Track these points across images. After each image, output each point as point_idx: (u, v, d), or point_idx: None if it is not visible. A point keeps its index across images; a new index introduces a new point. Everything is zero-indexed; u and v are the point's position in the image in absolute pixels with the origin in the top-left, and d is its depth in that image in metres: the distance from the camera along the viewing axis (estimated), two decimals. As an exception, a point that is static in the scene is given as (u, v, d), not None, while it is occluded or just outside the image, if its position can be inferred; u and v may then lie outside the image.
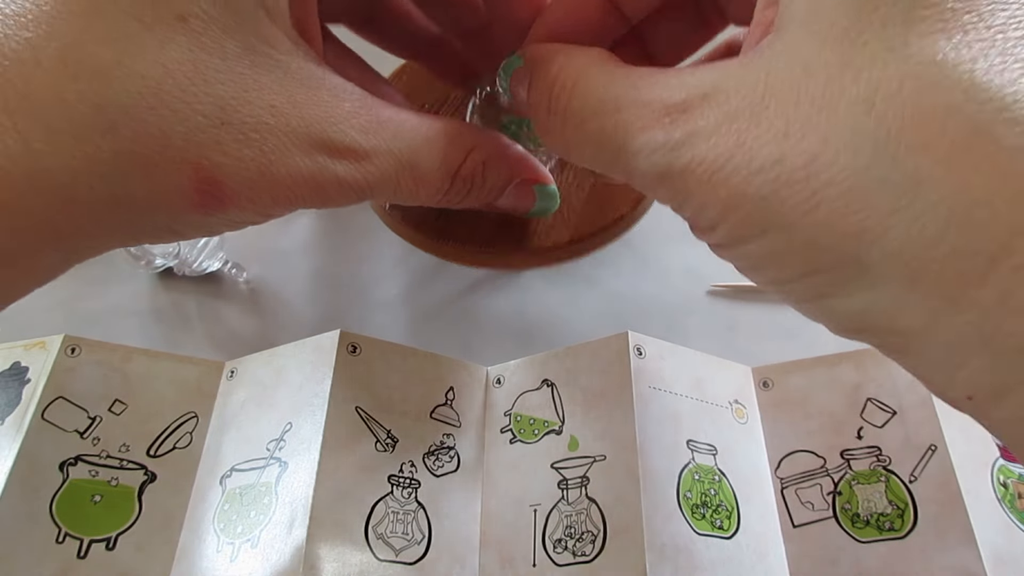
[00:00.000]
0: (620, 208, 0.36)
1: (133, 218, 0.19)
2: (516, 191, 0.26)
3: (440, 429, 0.33)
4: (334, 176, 0.20)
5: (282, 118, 0.19)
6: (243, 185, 0.19)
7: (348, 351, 0.32)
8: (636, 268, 0.43)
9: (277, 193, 0.20)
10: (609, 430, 0.31)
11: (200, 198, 0.19)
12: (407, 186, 0.22)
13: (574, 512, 0.30)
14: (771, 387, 0.35)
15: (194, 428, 0.33)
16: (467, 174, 0.23)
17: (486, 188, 0.25)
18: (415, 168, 0.22)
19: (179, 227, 0.20)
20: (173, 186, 0.18)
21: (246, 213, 0.20)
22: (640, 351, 0.32)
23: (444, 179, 0.23)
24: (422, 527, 0.30)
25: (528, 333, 0.41)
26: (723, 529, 0.30)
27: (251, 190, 0.19)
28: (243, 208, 0.20)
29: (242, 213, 0.20)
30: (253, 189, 0.19)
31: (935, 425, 0.30)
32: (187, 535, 0.31)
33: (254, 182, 0.19)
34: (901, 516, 0.30)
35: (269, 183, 0.19)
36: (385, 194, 0.22)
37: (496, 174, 0.25)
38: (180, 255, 0.41)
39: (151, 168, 0.18)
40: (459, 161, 0.23)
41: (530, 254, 0.35)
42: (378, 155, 0.21)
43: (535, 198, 0.27)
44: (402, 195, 0.22)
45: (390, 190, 0.22)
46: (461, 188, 0.24)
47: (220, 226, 0.21)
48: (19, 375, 0.32)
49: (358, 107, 0.21)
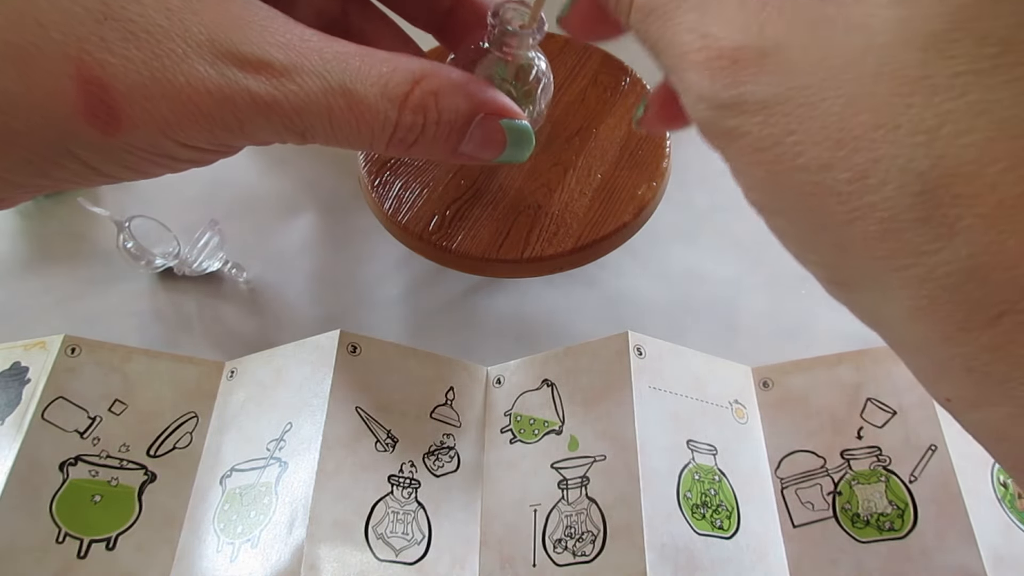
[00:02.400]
0: (623, 216, 0.36)
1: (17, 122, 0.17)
2: (481, 131, 0.23)
3: (440, 429, 0.33)
4: (245, 90, 0.18)
5: (178, 21, 0.17)
6: (134, 90, 0.17)
7: (348, 351, 0.32)
8: (636, 268, 0.43)
9: (177, 105, 0.18)
10: (609, 430, 0.31)
11: (87, 103, 0.17)
12: (343, 116, 0.20)
13: (574, 512, 0.30)
14: (771, 387, 0.35)
15: (194, 428, 0.33)
16: (416, 104, 0.21)
17: (443, 125, 0.22)
18: (350, 94, 0.20)
19: (78, 148, 0.18)
20: (54, 85, 0.17)
21: (151, 133, 0.18)
22: (640, 351, 0.32)
23: (388, 108, 0.20)
24: (422, 527, 0.30)
25: (528, 333, 0.41)
26: (723, 529, 0.30)
27: (145, 99, 0.17)
28: (143, 125, 0.18)
29: (146, 133, 0.18)
30: (147, 98, 0.17)
31: (935, 425, 0.30)
32: (187, 535, 0.31)
33: (147, 88, 0.17)
34: (901, 516, 0.30)
35: (165, 91, 0.17)
36: (318, 123, 0.20)
37: (452, 106, 0.22)
38: (180, 255, 0.41)
39: (26, 59, 0.16)
40: (404, 89, 0.20)
41: (533, 262, 0.35)
42: (300, 74, 0.19)
43: (504, 138, 0.23)
44: (341, 128, 0.20)
45: (323, 118, 0.20)
46: (412, 123, 0.21)
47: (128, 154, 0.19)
48: (19, 375, 0.32)
49: (276, 24, 0.19)
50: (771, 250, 0.43)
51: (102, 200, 0.45)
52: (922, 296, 0.14)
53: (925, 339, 0.15)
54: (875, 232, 0.15)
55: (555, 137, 0.39)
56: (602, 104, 0.40)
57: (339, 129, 0.20)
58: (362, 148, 0.21)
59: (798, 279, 0.42)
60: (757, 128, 0.16)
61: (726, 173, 0.19)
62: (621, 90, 0.41)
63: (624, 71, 0.41)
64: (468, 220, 0.36)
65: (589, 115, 0.40)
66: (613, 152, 0.38)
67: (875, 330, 0.17)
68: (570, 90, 0.41)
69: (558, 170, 0.38)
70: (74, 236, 0.44)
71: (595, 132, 0.39)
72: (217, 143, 0.19)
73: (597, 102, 0.40)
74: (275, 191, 0.47)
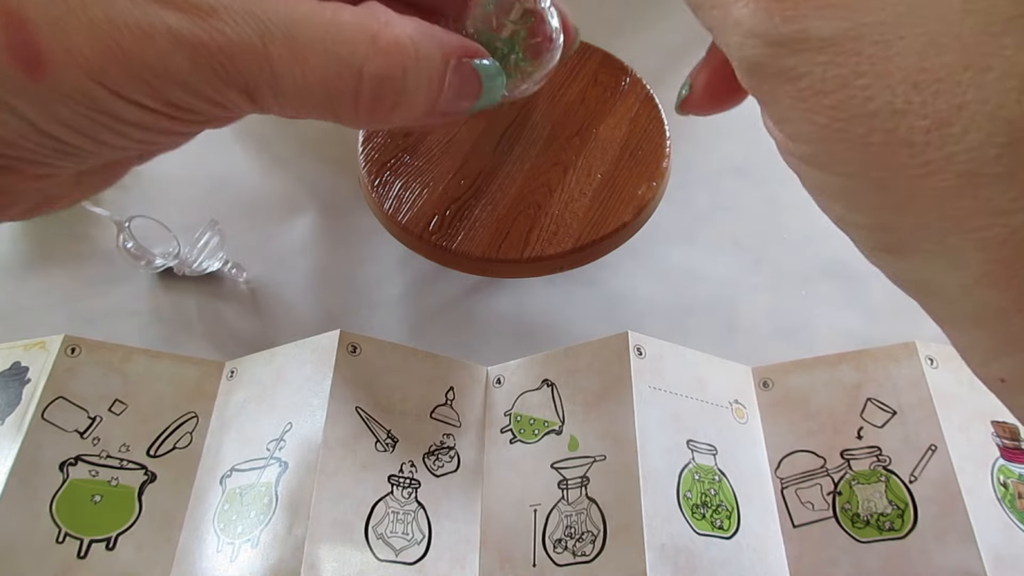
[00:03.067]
0: (623, 216, 0.36)
1: None
2: (458, 77, 0.21)
3: (440, 429, 0.33)
4: (164, 26, 0.17)
5: None
6: (52, 25, 0.16)
7: (348, 351, 0.32)
8: (636, 268, 0.43)
9: (96, 42, 0.17)
10: (609, 430, 0.31)
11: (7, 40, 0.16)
12: (287, 66, 0.18)
13: (574, 512, 0.30)
14: (771, 387, 0.35)
15: (194, 428, 0.33)
16: (386, 48, 0.19)
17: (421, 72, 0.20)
18: (292, 38, 0.18)
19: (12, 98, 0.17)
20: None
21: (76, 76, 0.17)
22: (640, 351, 0.32)
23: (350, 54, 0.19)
24: (422, 527, 0.30)
25: (528, 333, 0.41)
26: (723, 529, 0.30)
27: (63, 34, 0.16)
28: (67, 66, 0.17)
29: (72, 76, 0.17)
30: (65, 33, 0.16)
31: (935, 425, 0.30)
32: (187, 535, 0.31)
33: (64, 23, 0.16)
34: (901, 516, 0.30)
35: (84, 27, 0.16)
36: (258, 74, 0.18)
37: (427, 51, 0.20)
38: (180, 255, 0.41)
39: None
40: (367, 34, 0.18)
41: (533, 262, 0.35)
42: (229, 13, 0.17)
43: (480, 82, 0.21)
44: (286, 81, 0.18)
45: (262, 69, 0.18)
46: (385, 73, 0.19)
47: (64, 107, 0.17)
48: (19, 375, 0.32)
49: None
50: (771, 250, 0.44)
51: (102, 200, 0.45)
52: (997, 260, 0.13)
53: (994, 309, 0.14)
54: (950, 188, 0.13)
55: (555, 137, 0.39)
56: (602, 104, 0.40)
57: (284, 83, 0.18)
58: (328, 113, 0.19)
59: (798, 279, 0.42)
60: (820, 68, 0.14)
61: (726, 173, 0.18)
62: (621, 90, 0.41)
63: (624, 71, 0.41)
64: (468, 220, 0.36)
65: (589, 115, 0.40)
66: (613, 152, 0.38)
67: (922, 300, 0.15)
68: (570, 90, 0.41)
69: (558, 170, 0.38)
70: (74, 236, 0.44)
71: (595, 132, 0.39)
72: (154, 95, 0.18)
73: (597, 102, 0.40)
74: (275, 191, 0.47)
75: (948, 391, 0.32)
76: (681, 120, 0.26)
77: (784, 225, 0.45)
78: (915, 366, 0.32)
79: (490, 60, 0.22)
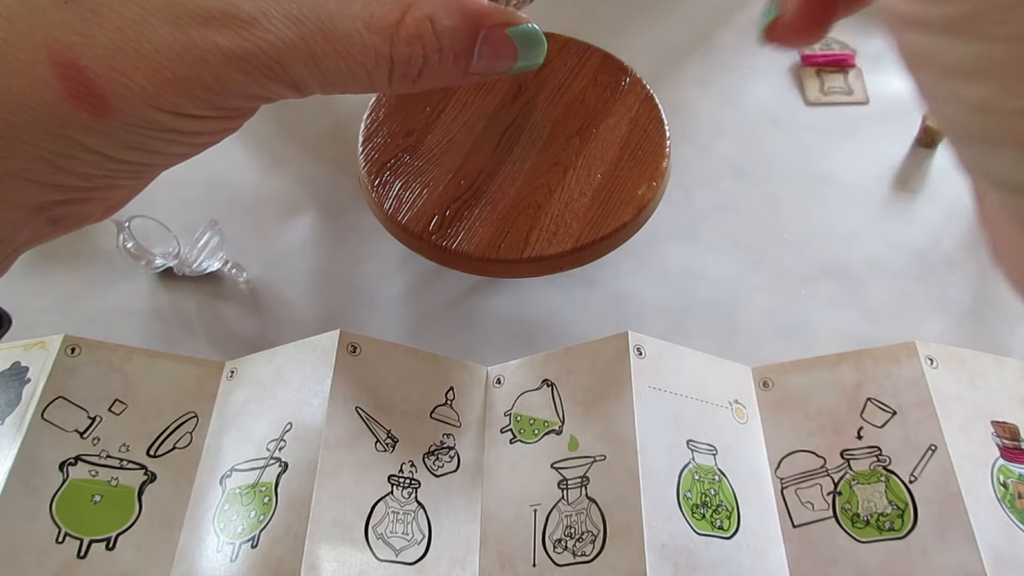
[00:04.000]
0: (623, 216, 0.36)
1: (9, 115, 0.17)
2: (489, 46, 0.21)
3: (440, 429, 0.33)
4: (214, 46, 0.18)
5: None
6: (106, 67, 0.17)
7: (348, 351, 0.32)
8: (636, 268, 0.43)
9: (151, 74, 0.17)
10: (609, 430, 0.31)
11: (67, 87, 0.17)
12: (330, 59, 0.19)
13: (574, 512, 0.30)
14: (771, 387, 0.35)
15: (194, 428, 0.33)
16: (412, 34, 0.19)
17: (446, 50, 0.20)
18: (331, 34, 0.19)
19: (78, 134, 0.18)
20: (30, 73, 0.17)
21: (137, 106, 0.18)
22: (640, 351, 0.32)
23: (379, 42, 0.19)
24: (422, 527, 0.30)
25: (528, 333, 0.41)
26: (723, 529, 0.30)
27: (119, 73, 0.17)
28: (129, 103, 0.18)
29: (135, 109, 0.18)
30: (121, 72, 0.17)
31: (935, 425, 0.30)
32: (187, 535, 0.31)
33: (118, 63, 0.17)
34: (901, 516, 0.30)
35: (135, 62, 0.17)
36: (305, 71, 0.19)
37: (453, 28, 0.20)
38: (180, 255, 0.41)
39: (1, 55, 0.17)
40: (394, 18, 0.19)
41: (533, 262, 0.35)
42: (270, 20, 0.18)
43: (514, 48, 0.22)
44: (331, 72, 0.19)
45: (308, 65, 0.19)
46: (410, 55, 0.20)
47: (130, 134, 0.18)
48: (19, 375, 0.32)
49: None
50: (771, 250, 0.44)
51: (102, 200, 0.45)
52: None
53: None
54: None
55: (555, 137, 0.39)
56: (602, 104, 0.40)
57: (330, 74, 0.19)
58: (366, 90, 0.20)
59: (798, 279, 0.42)
60: None
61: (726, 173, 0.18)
62: (621, 90, 0.41)
63: (624, 71, 0.41)
64: (468, 220, 0.36)
65: (589, 115, 0.40)
66: (613, 152, 0.38)
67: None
68: (570, 90, 0.41)
69: (558, 170, 0.38)
70: (74, 236, 0.44)
71: (595, 132, 0.39)
72: (211, 106, 0.19)
73: (597, 102, 0.40)
74: (275, 191, 0.47)
75: (948, 391, 0.32)
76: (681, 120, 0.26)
77: (784, 225, 0.45)
78: (915, 366, 0.32)
79: (526, 24, 0.22)
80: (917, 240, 0.44)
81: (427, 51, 0.20)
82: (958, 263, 0.43)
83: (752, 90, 0.51)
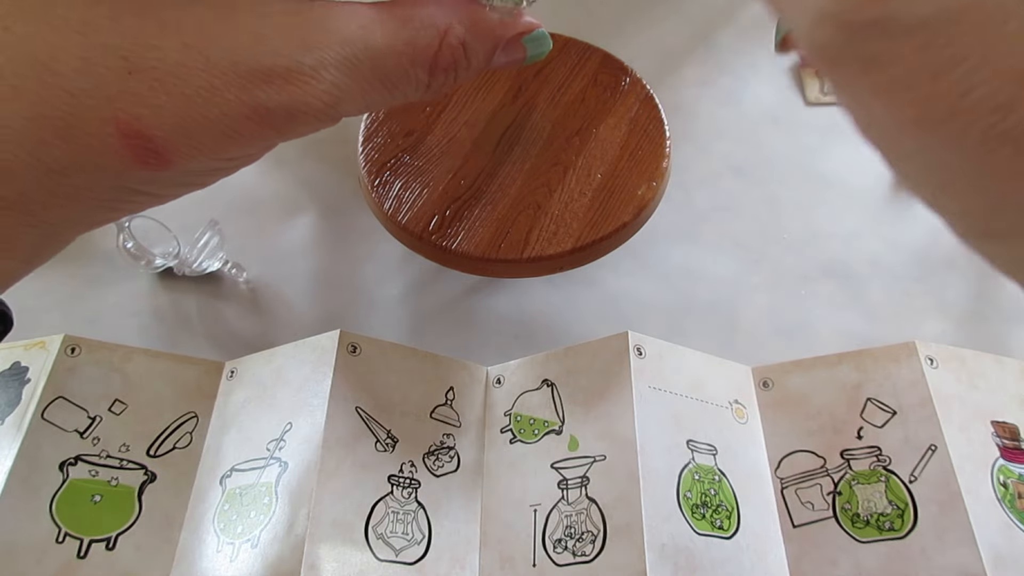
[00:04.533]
0: (623, 216, 0.36)
1: (78, 182, 0.18)
2: (505, 55, 0.23)
3: (440, 429, 0.33)
4: (279, 106, 0.18)
5: (197, 54, 0.17)
6: (174, 133, 0.18)
7: (348, 351, 0.32)
8: (636, 268, 0.43)
9: (219, 136, 0.18)
10: (609, 430, 0.31)
11: (135, 153, 0.17)
12: (378, 93, 0.20)
13: (574, 512, 0.30)
14: (771, 387, 0.35)
15: (194, 428, 0.33)
16: (447, 63, 0.21)
17: (471, 68, 0.22)
18: (379, 70, 0.20)
19: (137, 185, 0.19)
20: (100, 145, 0.17)
21: (201, 161, 0.19)
22: (640, 351, 0.32)
23: (421, 72, 0.20)
24: (422, 527, 0.30)
25: (528, 333, 0.41)
26: (723, 529, 0.30)
27: (187, 137, 0.18)
28: (192, 158, 0.18)
29: (197, 162, 0.18)
30: (188, 136, 0.18)
31: (935, 425, 0.30)
32: (187, 535, 0.31)
33: (186, 129, 0.18)
34: (901, 516, 0.30)
35: (203, 127, 0.18)
36: (357, 107, 0.20)
37: (480, 51, 0.22)
38: (180, 255, 0.41)
39: (68, 130, 0.17)
40: (434, 48, 0.20)
41: (533, 262, 0.35)
42: (327, 69, 0.19)
43: (525, 49, 0.24)
44: (376, 102, 0.20)
45: (360, 102, 0.20)
46: (445, 77, 0.21)
47: (185, 178, 0.19)
48: (19, 375, 0.32)
49: (290, 19, 0.18)
50: (771, 250, 0.44)
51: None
52: None
53: None
54: None
55: (555, 137, 0.39)
56: (602, 104, 0.40)
57: (373, 102, 0.20)
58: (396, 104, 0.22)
59: (798, 279, 0.42)
60: (912, 55, 0.12)
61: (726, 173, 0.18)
62: (621, 90, 0.41)
63: (624, 71, 0.41)
64: (468, 220, 0.36)
65: (589, 115, 0.40)
66: (613, 152, 0.38)
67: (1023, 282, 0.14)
68: (570, 90, 0.41)
69: (558, 170, 0.38)
70: (74, 236, 0.44)
71: (595, 132, 0.39)
72: (264, 148, 0.20)
73: (597, 102, 0.40)
74: (275, 191, 0.47)
75: (948, 391, 0.32)
76: (681, 120, 0.26)
77: (784, 225, 0.45)
78: (915, 366, 0.32)
79: (536, 31, 0.23)
80: (917, 240, 0.44)
81: (458, 72, 0.21)
82: (958, 263, 0.43)
83: (752, 90, 0.51)
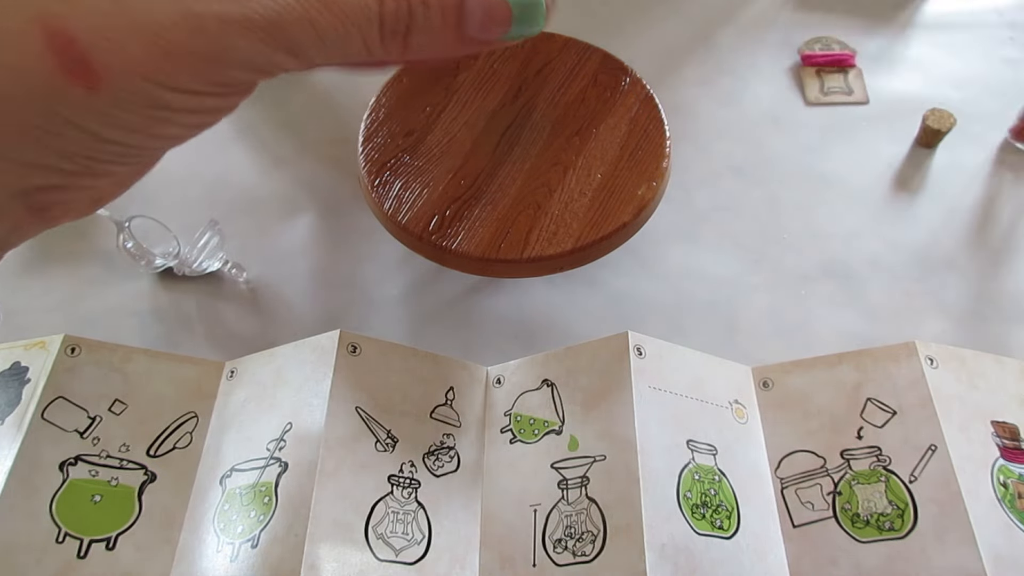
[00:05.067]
0: (623, 216, 0.36)
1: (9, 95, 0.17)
2: (480, 7, 0.21)
3: (440, 429, 0.33)
4: (212, 15, 0.17)
5: None
6: (99, 37, 0.17)
7: (348, 351, 0.32)
8: (636, 268, 0.43)
9: (147, 44, 0.17)
10: (609, 430, 0.31)
11: (62, 62, 0.17)
12: (326, 20, 0.19)
13: (574, 512, 0.30)
14: (771, 387, 0.35)
15: (194, 428, 0.33)
16: None
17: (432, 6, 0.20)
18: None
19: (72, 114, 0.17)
20: (25, 47, 0.16)
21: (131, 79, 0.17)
22: (640, 351, 0.32)
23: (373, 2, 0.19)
24: (422, 527, 0.30)
25: (528, 333, 0.41)
26: (723, 529, 0.30)
27: (112, 43, 0.17)
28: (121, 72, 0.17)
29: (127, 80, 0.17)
30: (114, 42, 0.17)
31: (935, 425, 0.30)
32: (187, 535, 0.31)
33: (111, 32, 0.17)
34: (901, 516, 0.30)
35: (130, 32, 0.17)
36: (303, 36, 0.19)
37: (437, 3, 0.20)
38: (180, 255, 0.41)
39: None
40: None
41: (533, 262, 0.35)
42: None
43: (507, 11, 0.21)
44: (328, 35, 0.19)
45: (306, 29, 0.19)
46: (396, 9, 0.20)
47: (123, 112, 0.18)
48: (19, 375, 0.32)
49: None
50: (771, 250, 0.44)
51: (102, 200, 0.45)
52: None
53: None
54: None
55: (555, 137, 0.39)
56: (602, 104, 0.40)
57: (327, 38, 0.19)
58: (360, 55, 0.20)
59: (798, 279, 0.42)
60: None
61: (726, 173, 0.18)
62: (621, 90, 0.41)
63: (624, 71, 0.41)
64: (468, 220, 0.36)
65: (589, 115, 0.40)
66: (613, 152, 0.38)
67: None
68: (570, 90, 0.41)
69: (558, 170, 0.38)
70: (74, 236, 0.44)
71: (595, 132, 0.39)
72: (207, 80, 0.19)
73: (597, 102, 0.40)
74: (275, 191, 0.47)
75: (948, 391, 0.32)
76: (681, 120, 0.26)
77: (784, 225, 0.45)
78: (915, 366, 0.32)
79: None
80: (917, 240, 0.44)
81: (411, 4, 0.20)
82: (958, 263, 0.43)
83: (752, 90, 0.51)
